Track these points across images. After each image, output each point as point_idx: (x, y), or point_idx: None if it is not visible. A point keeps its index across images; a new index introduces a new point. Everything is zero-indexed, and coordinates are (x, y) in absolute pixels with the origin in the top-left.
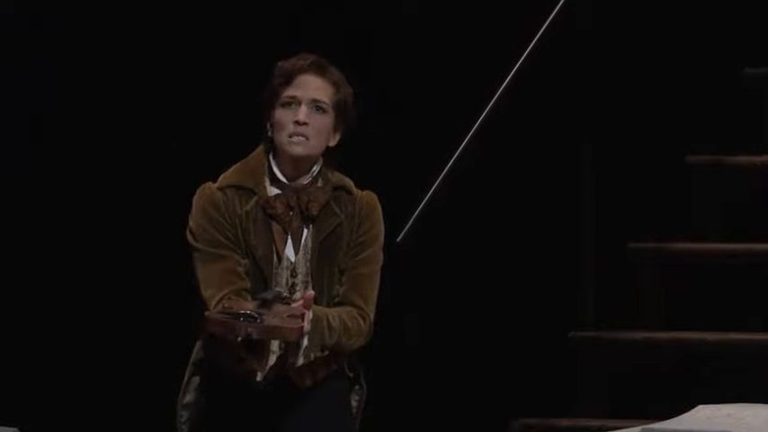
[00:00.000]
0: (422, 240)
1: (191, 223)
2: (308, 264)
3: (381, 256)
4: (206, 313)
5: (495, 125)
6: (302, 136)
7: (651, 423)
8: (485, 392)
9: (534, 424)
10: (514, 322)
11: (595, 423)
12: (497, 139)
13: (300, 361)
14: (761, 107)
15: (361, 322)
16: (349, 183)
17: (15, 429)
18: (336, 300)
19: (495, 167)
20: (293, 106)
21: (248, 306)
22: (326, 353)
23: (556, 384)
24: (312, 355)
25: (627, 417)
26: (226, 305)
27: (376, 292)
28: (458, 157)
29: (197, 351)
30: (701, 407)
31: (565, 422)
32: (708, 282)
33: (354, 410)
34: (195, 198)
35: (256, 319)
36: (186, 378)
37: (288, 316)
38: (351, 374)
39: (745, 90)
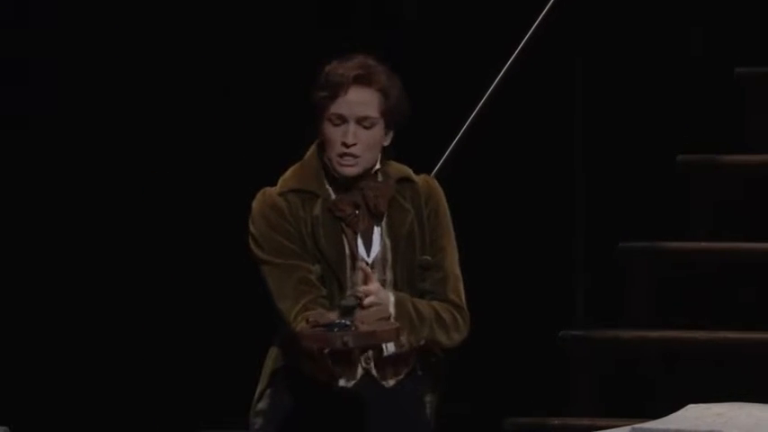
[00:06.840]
0: None
1: (253, 231)
2: (387, 263)
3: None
4: (297, 330)
5: (487, 123)
6: (351, 156)
7: (641, 422)
8: (476, 391)
9: (525, 423)
10: (505, 321)
11: (586, 422)
12: (489, 138)
13: (391, 349)
14: (752, 106)
15: (457, 315)
16: (408, 171)
17: (5, 429)
18: (427, 298)
19: (486, 166)
20: (341, 125)
21: (332, 317)
22: (422, 342)
23: (546, 383)
24: (406, 343)
25: (617, 416)
26: (310, 319)
27: (462, 283)
28: (449, 154)
29: (274, 361)
30: (690, 406)
31: (555, 421)
32: (699, 281)
33: (428, 410)
34: (255, 204)
35: (349, 327)
36: (262, 387)
37: (378, 320)
38: (420, 373)
39: (736, 89)
